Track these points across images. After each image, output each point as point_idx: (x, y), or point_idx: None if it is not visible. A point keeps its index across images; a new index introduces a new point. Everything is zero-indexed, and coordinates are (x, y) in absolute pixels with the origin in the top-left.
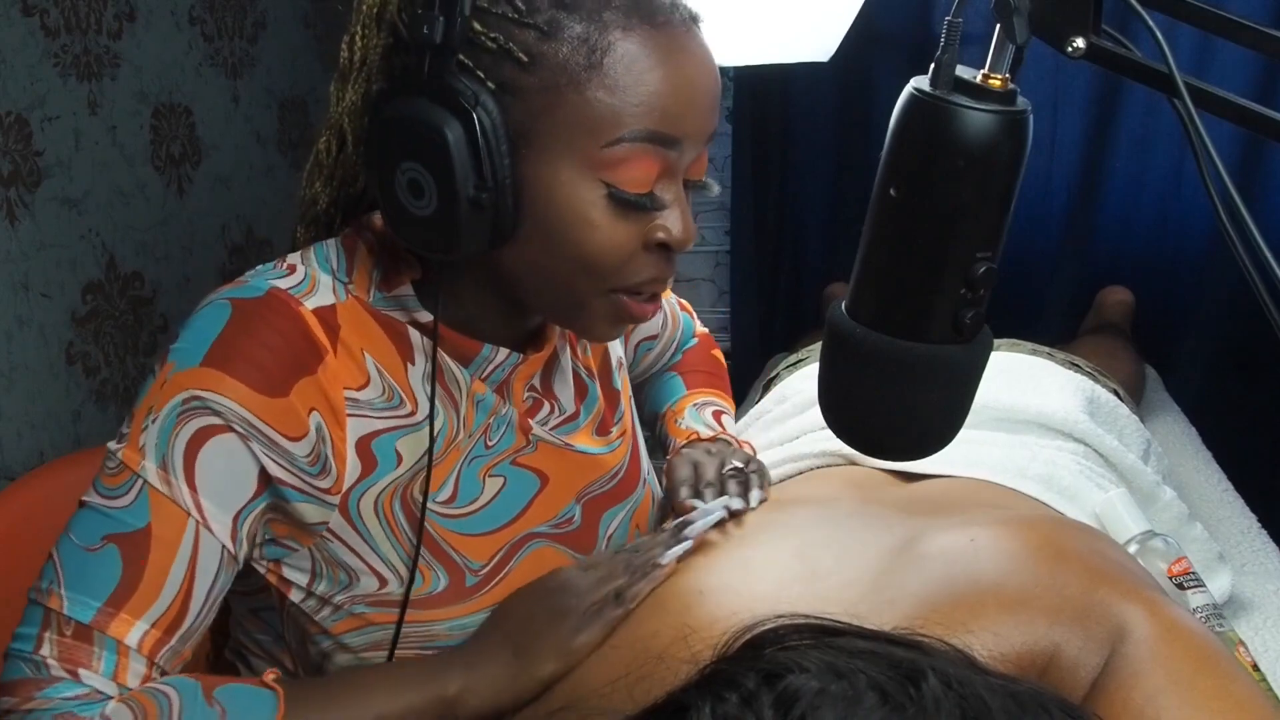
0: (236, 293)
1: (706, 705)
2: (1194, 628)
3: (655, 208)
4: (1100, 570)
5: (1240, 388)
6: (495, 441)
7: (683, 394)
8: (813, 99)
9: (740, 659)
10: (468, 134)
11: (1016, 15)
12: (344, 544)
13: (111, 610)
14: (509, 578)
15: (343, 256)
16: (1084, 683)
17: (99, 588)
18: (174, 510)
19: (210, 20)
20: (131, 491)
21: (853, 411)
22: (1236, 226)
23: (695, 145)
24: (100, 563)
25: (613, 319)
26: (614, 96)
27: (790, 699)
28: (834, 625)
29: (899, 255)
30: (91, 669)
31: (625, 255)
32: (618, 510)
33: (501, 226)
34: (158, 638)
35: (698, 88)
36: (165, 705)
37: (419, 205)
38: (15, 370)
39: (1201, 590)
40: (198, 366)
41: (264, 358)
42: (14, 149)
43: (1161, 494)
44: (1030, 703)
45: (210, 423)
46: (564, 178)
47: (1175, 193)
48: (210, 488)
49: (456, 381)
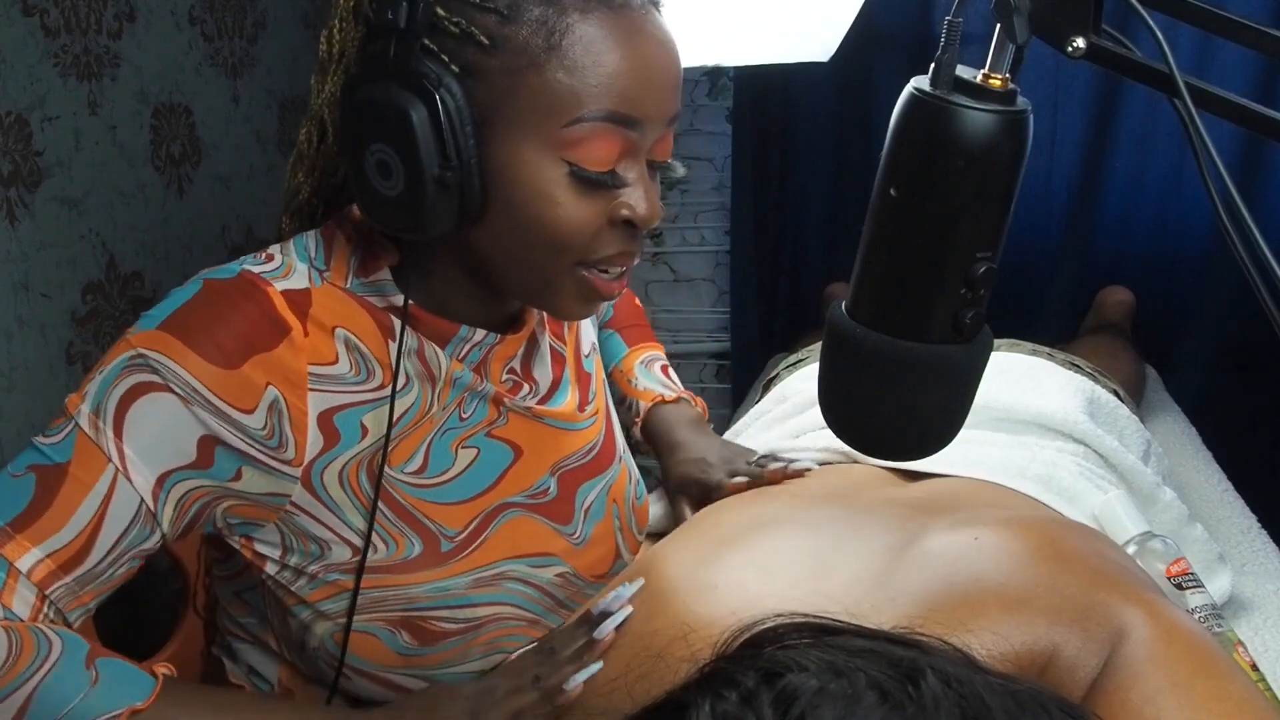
0: (212, 274)
1: (706, 703)
2: (1193, 629)
3: (617, 185)
4: (1100, 572)
5: (1240, 388)
6: (469, 414)
7: (624, 352)
8: (813, 99)
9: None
10: (431, 115)
11: (1016, 15)
12: (311, 516)
13: (11, 531)
14: (486, 544)
15: (321, 246)
16: (1082, 683)
17: (7, 509)
18: (95, 453)
19: (210, 20)
20: (63, 432)
21: (853, 411)
22: (1237, 226)
23: (657, 126)
24: (16, 488)
25: (582, 296)
26: (573, 77)
27: (789, 697)
28: (833, 624)
29: (899, 255)
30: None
31: (590, 232)
32: (594, 484)
33: (468, 206)
34: (51, 569)
35: (656, 69)
36: (45, 650)
37: (387, 186)
38: (15, 370)
39: (1200, 591)
40: (154, 330)
41: (220, 332)
42: (14, 149)
43: (1162, 495)
44: (1029, 702)
45: (149, 379)
46: (527, 157)
47: (1175, 193)
48: (138, 440)
49: (436, 359)
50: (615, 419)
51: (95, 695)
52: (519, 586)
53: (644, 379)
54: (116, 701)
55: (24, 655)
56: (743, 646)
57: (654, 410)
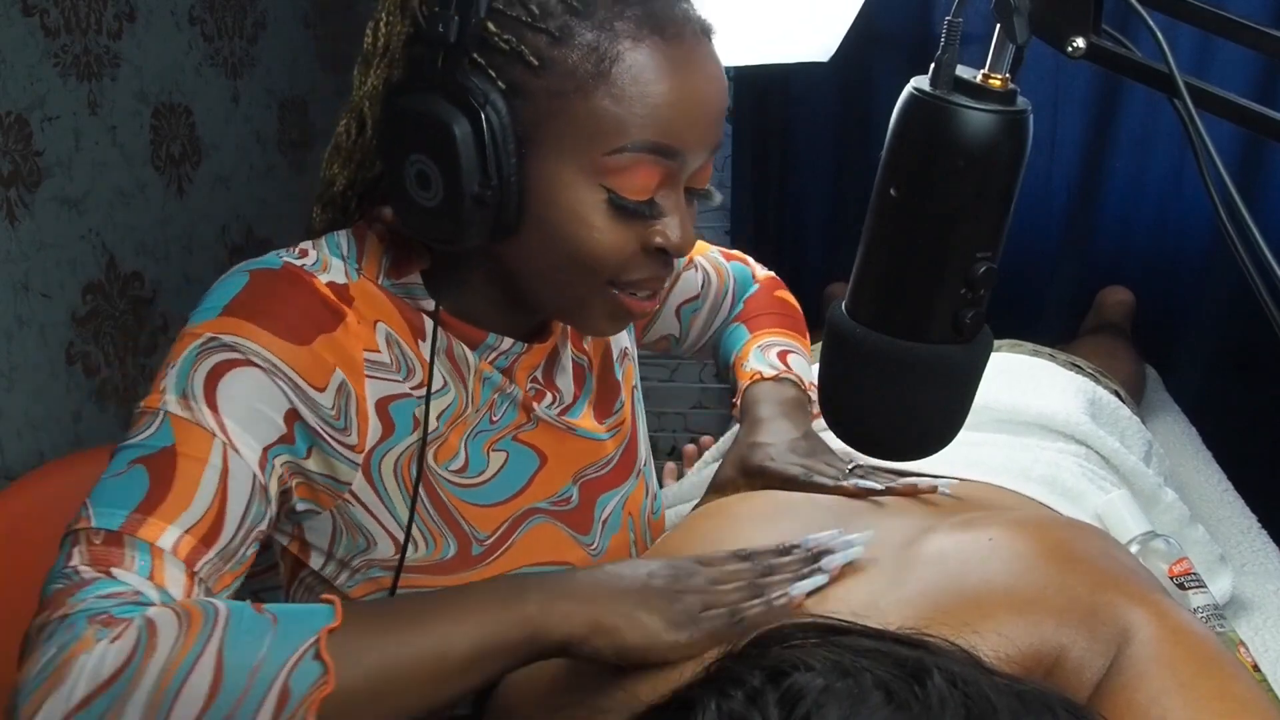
0: (253, 265)
1: (712, 702)
2: (1198, 630)
3: (654, 215)
4: (1108, 573)
5: (1240, 388)
6: (499, 417)
7: (746, 339)
8: (813, 99)
9: (746, 656)
10: (475, 132)
11: (1016, 15)
12: (364, 507)
13: (141, 516)
14: (511, 550)
15: (353, 244)
16: (1089, 684)
17: (127, 499)
18: (198, 431)
19: (210, 20)
20: (154, 424)
21: (853, 411)
22: (1236, 226)
23: (698, 156)
24: (128, 480)
25: (612, 315)
26: (619, 106)
27: (795, 696)
28: (839, 624)
29: (899, 255)
30: (125, 568)
31: (623, 257)
32: (611, 495)
33: (503, 222)
34: (193, 545)
35: (703, 101)
36: (211, 613)
37: (425, 196)
38: (15, 370)
39: (1203, 591)
40: (216, 317)
41: (285, 310)
42: (14, 149)
43: (1163, 496)
44: (1035, 702)
45: (230, 357)
46: (566, 180)
47: (1175, 193)
48: (235, 413)
49: (465, 360)
50: (642, 430)
51: (282, 633)
52: None
53: (754, 361)
54: (307, 630)
55: (194, 623)
56: (749, 645)
57: (749, 389)
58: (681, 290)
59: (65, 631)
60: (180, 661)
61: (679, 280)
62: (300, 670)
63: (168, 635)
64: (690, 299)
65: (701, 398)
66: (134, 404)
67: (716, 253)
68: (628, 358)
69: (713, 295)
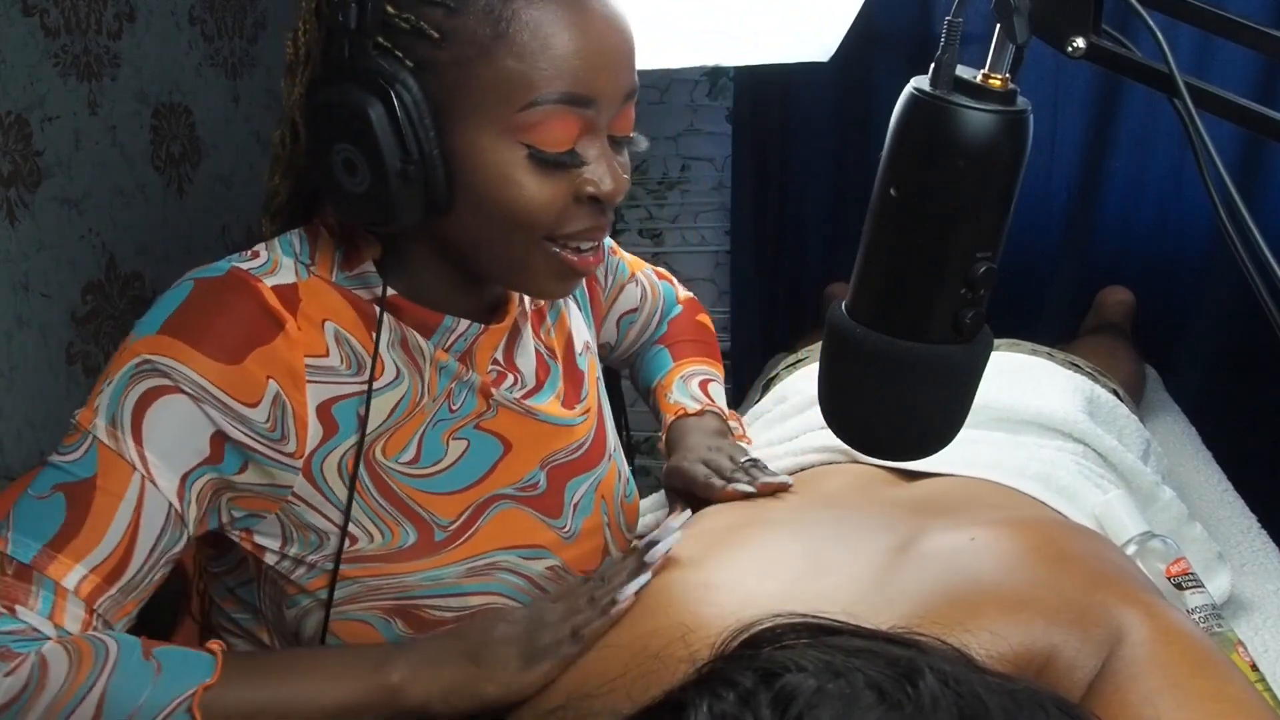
0: (201, 273)
1: (704, 703)
2: (1191, 631)
3: (577, 164)
4: (1099, 573)
5: (1240, 388)
6: (458, 406)
7: (669, 367)
8: (813, 99)
9: (738, 657)
10: (389, 112)
11: (1016, 15)
12: (310, 507)
13: (52, 552)
14: (478, 535)
15: (305, 242)
16: (1080, 684)
17: (42, 531)
18: (120, 463)
19: (210, 20)
20: (82, 447)
21: (853, 411)
22: (1236, 226)
23: (612, 102)
24: (46, 509)
25: (557, 274)
26: (523, 63)
27: (787, 697)
28: (831, 624)
29: (899, 255)
30: (28, 606)
31: (555, 210)
32: (583, 480)
33: (434, 196)
34: (97, 584)
35: (606, 47)
36: (102, 653)
37: (354, 183)
38: (15, 370)
39: (1200, 590)
40: (154, 334)
41: (219, 328)
42: (14, 149)
43: (1161, 494)
44: (1027, 701)
45: (160, 384)
46: (486, 144)
47: (1175, 193)
48: (157, 445)
49: (420, 349)
50: (608, 417)
51: (162, 683)
52: (510, 577)
53: (677, 393)
54: (185, 683)
55: (84, 662)
56: (741, 646)
57: (675, 424)
58: (624, 302)
59: None
60: (67, 701)
61: (622, 292)
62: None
63: (57, 673)
64: (630, 310)
65: None
66: None
67: (650, 270)
68: (589, 350)
69: (646, 310)
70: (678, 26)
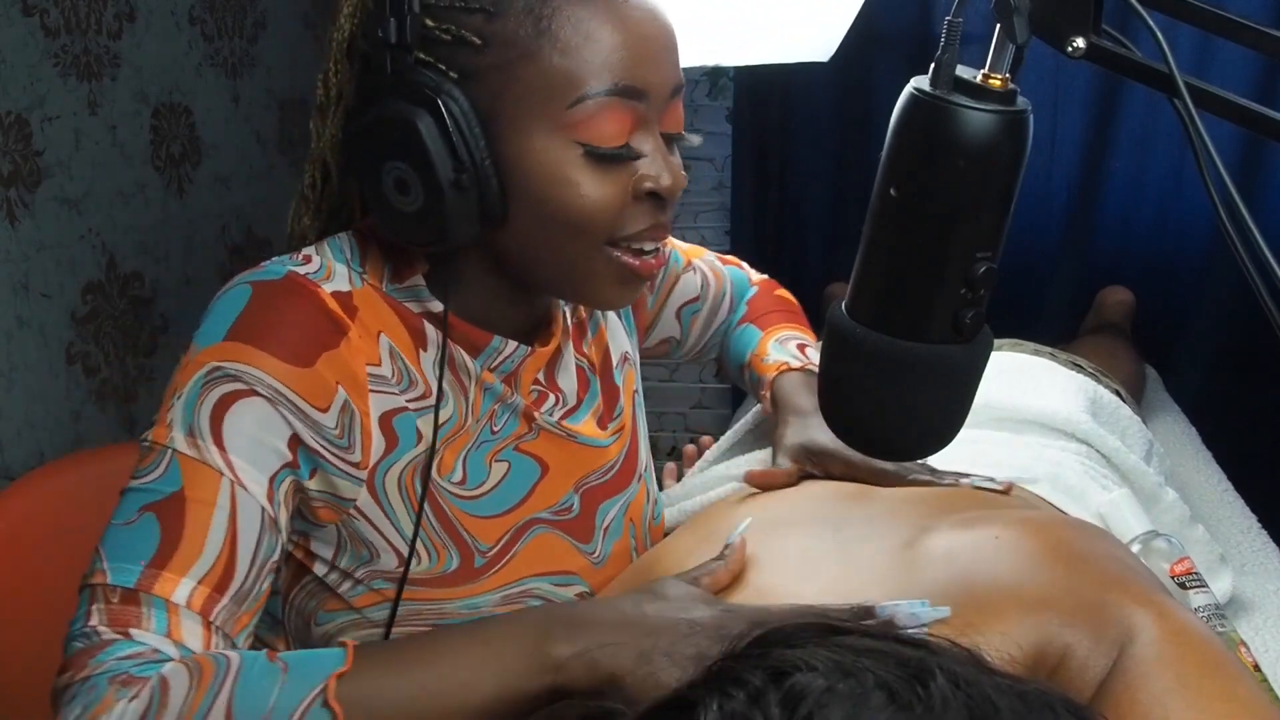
0: (255, 276)
1: (713, 702)
2: (1201, 632)
3: (633, 158)
4: (1112, 573)
5: (1240, 388)
6: (500, 427)
7: (759, 336)
8: (813, 99)
9: (747, 656)
10: (438, 122)
11: (1016, 15)
12: (368, 521)
13: (154, 571)
14: (514, 561)
15: (356, 248)
16: (1092, 684)
17: (139, 553)
18: (206, 471)
19: (210, 20)
20: (161, 464)
21: (853, 411)
22: (1236, 226)
23: (661, 95)
24: (138, 531)
25: (619, 280)
26: (568, 58)
27: (797, 697)
28: (841, 624)
29: (899, 255)
30: (143, 628)
31: (614, 209)
32: (614, 502)
33: (489, 207)
34: (207, 594)
35: (650, 37)
36: (223, 665)
37: (407, 201)
38: (15, 370)
39: (1204, 590)
40: (220, 342)
41: (287, 331)
42: (14, 149)
43: (1164, 495)
44: (1037, 703)
45: (234, 388)
46: (538, 146)
47: (1175, 193)
48: (241, 448)
49: (466, 369)
50: (642, 434)
51: (291, 681)
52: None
53: (776, 353)
54: (315, 676)
55: (205, 676)
56: (750, 645)
57: (780, 379)
58: (682, 292)
59: (88, 693)
60: (191, 716)
61: (678, 282)
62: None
63: (179, 691)
64: (690, 300)
65: (701, 398)
66: (133, 404)
67: (713, 257)
68: (628, 361)
69: (711, 298)
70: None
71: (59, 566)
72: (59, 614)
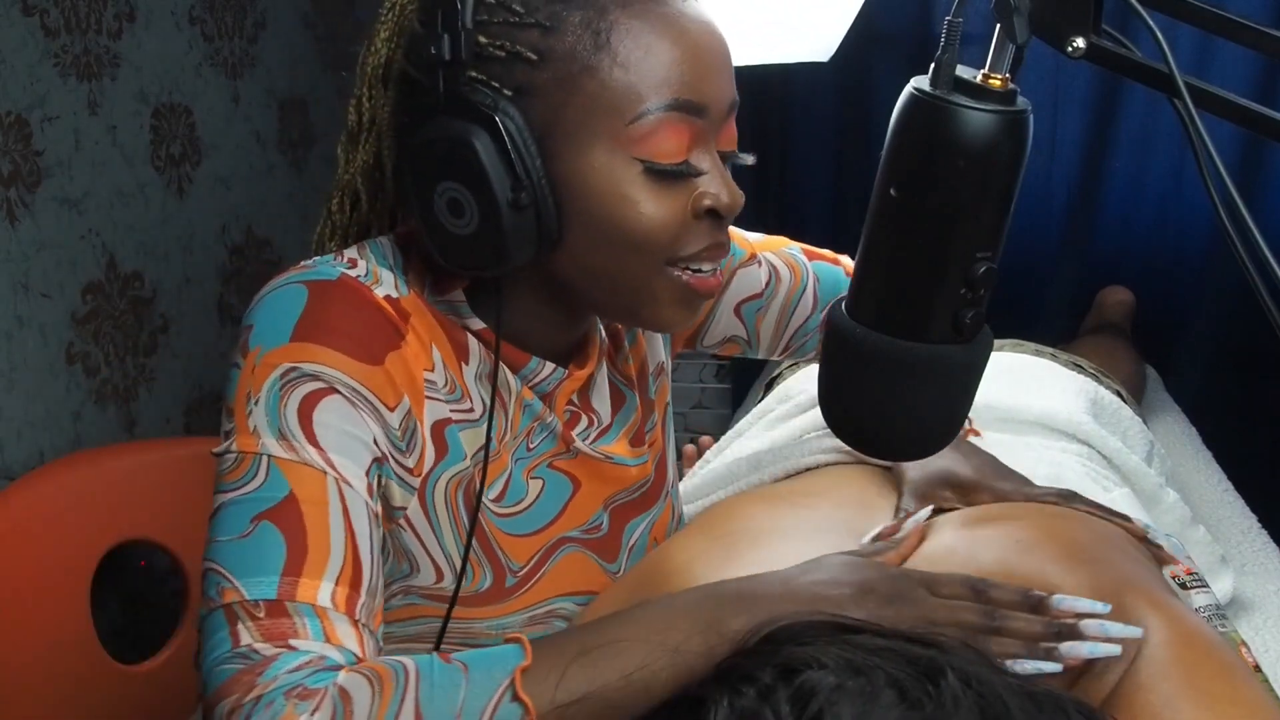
0: (308, 276)
1: (724, 699)
2: (1210, 636)
3: (693, 174)
4: (1127, 575)
5: (1240, 388)
6: (536, 444)
7: None
8: (813, 99)
9: (757, 654)
10: (495, 140)
11: (1016, 15)
12: (413, 532)
13: (292, 579)
14: (542, 581)
15: (399, 255)
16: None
17: (270, 563)
18: (309, 472)
19: (210, 20)
20: (260, 471)
21: (853, 411)
22: (1237, 226)
23: (720, 112)
24: (259, 542)
25: (680, 300)
26: (629, 73)
27: (807, 694)
28: (851, 622)
29: (899, 255)
30: (301, 638)
31: (674, 228)
32: (640, 521)
33: (546, 228)
34: (347, 594)
35: (709, 51)
36: (401, 671)
37: (461, 224)
38: (15, 370)
39: (1205, 591)
40: (288, 343)
41: (353, 329)
42: (14, 149)
43: (1165, 496)
44: (1048, 703)
45: (315, 387)
46: (598, 163)
47: (1175, 193)
48: (335, 445)
49: (508, 385)
50: (670, 449)
51: (476, 680)
52: (564, 625)
53: None
54: (500, 672)
55: (385, 684)
56: (760, 643)
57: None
58: (741, 288)
59: (264, 710)
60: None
61: (734, 278)
62: (501, 714)
63: (362, 700)
64: (751, 297)
65: (701, 398)
66: (133, 404)
67: (797, 250)
68: (663, 373)
69: (783, 294)
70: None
71: (59, 566)
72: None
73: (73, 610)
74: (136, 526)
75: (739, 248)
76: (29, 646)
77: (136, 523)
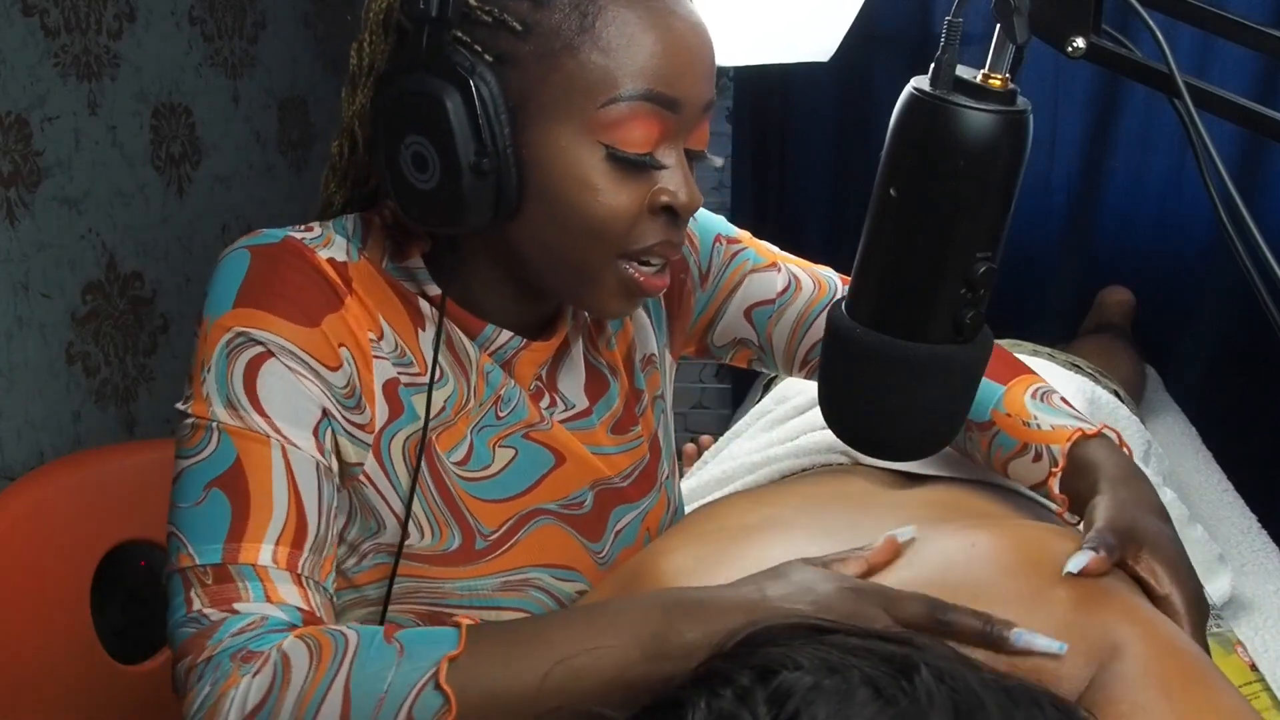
0: (252, 241)
1: (702, 701)
2: (1186, 645)
3: (655, 168)
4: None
5: (1240, 388)
6: (506, 414)
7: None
8: (813, 99)
9: (735, 656)
10: (466, 102)
11: (1016, 15)
12: (375, 489)
13: (234, 544)
14: (515, 549)
15: (359, 226)
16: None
17: (216, 529)
18: (254, 438)
19: (210, 20)
20: (211, 439)
21: (853, 411)
22: (1236, 226)
23: (694, 111)
24: (210, 509)
25: (623, 292)
26: (608, 58)
27: (784, 695)
28: (826, 623)
29: (899, 255)
30: (244, 600)
31: (629, 219)
32: (629, 509)
33: (505, 197)
34: (289, 552)
35: (691, 49)
36: (341, 643)
37: (423, 179)
38: (15, 370)
39: None
40: (231, 310)
41: (288, 292)
42: (14, 149)
43: (1161, 496)
44: (1023, 698)
45: (257, 352)
46: (564, 143)
47: (1175, 193)
48: (279, 410)
49: (466, 352)
50: (665, 440)
51: (407, 662)
52: (542, 596)
53: (1047, 415)
54: (429, 657)
55: (324, 653)
56: (738, 645)
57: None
58: (752, 291)
59: (213, 670)
60: (313, 693)
61: (746, 280)
62: (422, 701)
63: (300, 667)
64: (763, 301)
65: (701, 398)
66: (133, 404)
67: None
68: (654, 364)
69: (801, 303)
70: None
71: (59, 566)
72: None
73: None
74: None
75: (759, 255)
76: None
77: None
